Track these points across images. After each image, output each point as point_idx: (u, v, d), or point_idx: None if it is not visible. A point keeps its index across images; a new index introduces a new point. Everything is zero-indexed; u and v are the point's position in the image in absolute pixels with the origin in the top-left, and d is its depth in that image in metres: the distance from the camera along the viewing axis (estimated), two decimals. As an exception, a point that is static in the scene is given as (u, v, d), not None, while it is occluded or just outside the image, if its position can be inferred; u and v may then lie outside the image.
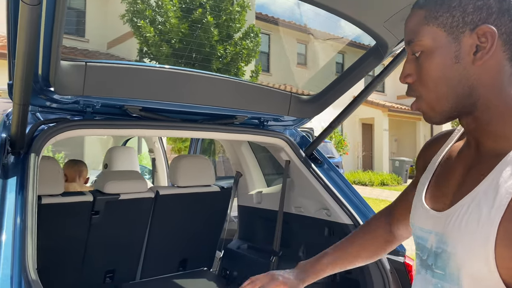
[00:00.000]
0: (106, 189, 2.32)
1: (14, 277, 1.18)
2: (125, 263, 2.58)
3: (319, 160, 2.31)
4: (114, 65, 1.60)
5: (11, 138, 1.43)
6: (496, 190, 0.70)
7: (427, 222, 0.84)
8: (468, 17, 0.73)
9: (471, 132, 0.81)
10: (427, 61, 0.77)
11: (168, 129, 1.88)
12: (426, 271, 0.83)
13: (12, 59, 1.33)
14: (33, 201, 1.34)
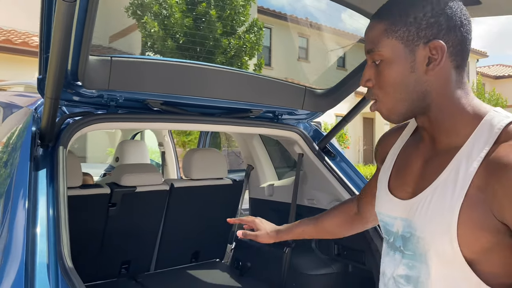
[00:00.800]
0: (122, 182, 2.36)
1: (51, 265, 1.22)
2: (140, 255, 2.63)
3: (332, 153, 2.35)
4: (137, 59, 1.64)
5: (41, 131, 1.46)
6: (455, 181, 0.81)
7: (393, 209, 0.95)
8: (422, 32, 0.83)
9: (426, 129, 0.91)
10: (386, 70, 0.87)
11: (187, 122, 1.92)
12: (394, 253, 0.94)
13: (44, 54, 1.36)
14: (64, 192, 1.39)
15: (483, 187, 0.77)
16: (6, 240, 1.27)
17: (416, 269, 0.88)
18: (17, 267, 1.20)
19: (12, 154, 1.50)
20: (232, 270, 2.79)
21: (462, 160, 0.82)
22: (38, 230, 1.27)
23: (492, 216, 0.77)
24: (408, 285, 0.90)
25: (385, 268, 0.98)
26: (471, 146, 0.82)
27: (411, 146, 1.00)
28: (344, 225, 1.32)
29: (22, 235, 1.25)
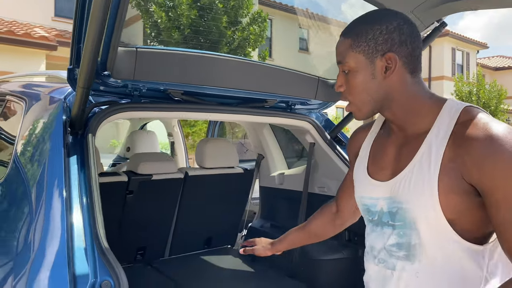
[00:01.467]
0: (139, 170, 2.43)
1: (88, 247, 1.29)
2: (155, 241, 2.70)
3: (343, 142, 2.41)
4: (161, 50, 1.70)
5: (72, 119, 1.52)
6: (429, 157, 0.98)
7: (375, 190, 1.11)
8: (379, 47, 1.02)
9: (393, 122, 1.09)
10: (352, 78, 1.05)
11: (206, 112, 1.98)
12: (382, 228, 1.09)
13: (76, 45, 1.42)
14: (96, 177, 1.45)
15: (454, 158, 0.95)
16: (43, 224, 1.34)
17: (407, 236, 1.03)
18: (57, 249, 1.27)
19: (41, 141, 1.56)
20: (243, 256, 2.86)
21: (432, 140, 1.00)
22: (74, 214, 1.34)
23: (463, 180, 0.94)
24: (400, 251, 1.05)
25: (374, 243, 1.12)
26: (437, 128, 1.00)
27: (382, 138, 1.18)
28: (327, 225, 1.45)
29: (60, 219, 1.31)
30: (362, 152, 1.23)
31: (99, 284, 1.22)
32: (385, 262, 1.08)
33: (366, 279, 1.18)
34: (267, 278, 2.49)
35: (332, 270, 2.44)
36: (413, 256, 1.02)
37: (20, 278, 1.30)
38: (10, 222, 1.49)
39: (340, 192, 1.41)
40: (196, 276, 2.48)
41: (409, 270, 1.03)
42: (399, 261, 1.05)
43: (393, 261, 1.06)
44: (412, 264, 1.03)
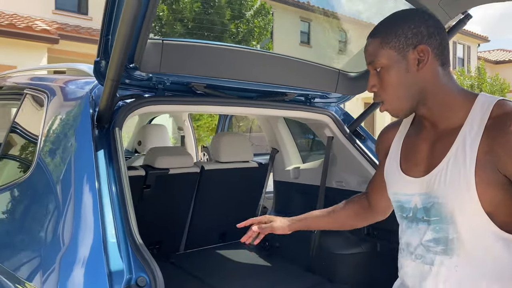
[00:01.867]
0: (157, 164, 2.41)
1: (121, 242, 1.27)
2: (171, 235, 2.69)
3: (363, 136, 2.39)
4: (187, 43, 1.67)
5: (99, 113, 1.50)
6: (464, 152, 0.99)
7: (410, 187, 1.11)
8: (409, 40, 1.04)
9: (427, 118, 1.10)
10: (386, 75, 1.06)
11: (228, 105, 1.96)
12: (417, 224, 1.09)
13: (104, 37, 1.39)
14: (126, 171, 1.43)
15: (489, 151, 0.97)
16: (73, 219, 1.32)
17: (443, 230, 1.04)
18: (91, 245, 1.26)
19: (67, 136, 1.53)
20: (260, 250, 2.86)
21: (466, 134, 1.01)
22: (105, 209, 1.32)
23: (498, 172, 0.96)
24: (438, 246, 1.05)
25: (410, 239, 1.12)
26: (470, 122, 1.02)
27: (413, 135, 1.18)
28: (356, 217, 1.43)
29: (92, 215, 1.29)
30: (392, 149, 1.23)
31: (135, 281, 1.20)
32: (423, 258, 1.09)
33: (402, 275, 1.18)
34: (285, 272, 2.48)
35: (351, 264, 2.43)
36: (451, 250, 1.03)
37: (50, 272, 1.28)
38: (37, 219, 1.47)
39: (371, 190, 1.41)
40: (215, 271, 2.47)
41: (447, 264, 1.04)
42: (437, 256, 1.06)
43: (431, 256, 1.07)
44: (451, 258, 1.03)
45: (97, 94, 1.60)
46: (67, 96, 1.69)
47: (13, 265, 1.42)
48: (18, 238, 1.49)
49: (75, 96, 1.65)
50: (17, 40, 9.39)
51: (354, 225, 1.49)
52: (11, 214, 1.60)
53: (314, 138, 3.92)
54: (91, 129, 1.45)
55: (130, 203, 1.36)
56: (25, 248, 1.44)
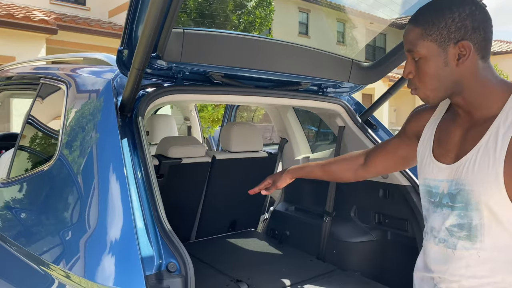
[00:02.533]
0: (170, 154, 2.42)
1: (149, 228, 1.29)
2: (183, 224, 2.71)
3: (375, 125, 2.42)
4: (207, 32, 1.68)
5: (122, 102, 1.51)
6: (496, 142, 1.00)
7: (440, 173, 1.13)
8: (451, 35, 1.03)
9: (461, 107, 1.11)
10: (424, 65, 1.07)
11: (244, 95, 1.97)
12: (442, 209, 1.12)
13: (129, 26, 1.40)
14: (151, 159, 1.45)
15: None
16: (100, 205, 1.34)
17: (468, 217, 1.06)
18: (121, 230, 1.27)
19: (92, 125, 1.54)
20: (269, 239, 2.89)
21: (499, 125, 1.02)
22: (133, 196, 1.33)
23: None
24: (461, 231, 1.07)
25: (434, 223, 1.15)
26: (505, 114, 1.02)
27: (447, 121, 1.19)
28: (348, 172, 1.52)
29: (121, 201, 1.31)
30: (426, 133, 1.25)
31: (165, 266, 1.22)
32: (446, 242, 1.11)
33: (425, 258, 1.20)
34: (296, 260, 2.51)
35: (362, 252, 2.47)
36: (475, 236, 1.05)
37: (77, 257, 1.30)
38: (64, 206, 1.48)
39: (376, 152, 1.46)
40: (226, 258, 2.49)
41: (470, 250, 1.06)
42: (460, 240, 1.08)
43: (453, 240, 1.09)
44: (474, 244, 1.06)
45: (119, 83, 1.61)
46: (88, 86, 1.70)
47: (39, 250, 1.44)
48: (46, 224, 1.50)
49: (96, 85, 1.66)
50: (15, 30, 9.30)
51: (345, 179, 1.57)
52: (37, 202, 1.61)
53: (318, 129, 3.94)
54: (116, 118, 1.46)
55: (157, 189, 1.38)
56: (52, 233, 1.46)
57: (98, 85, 1.64)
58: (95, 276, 1.22)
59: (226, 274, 2.27)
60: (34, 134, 1.93)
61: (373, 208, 2.45)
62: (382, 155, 1.44)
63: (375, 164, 1.45)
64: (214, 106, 7.55)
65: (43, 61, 2.69)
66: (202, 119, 7.23)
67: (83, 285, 1.24)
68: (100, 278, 1.20)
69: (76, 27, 10.67)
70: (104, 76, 1.66)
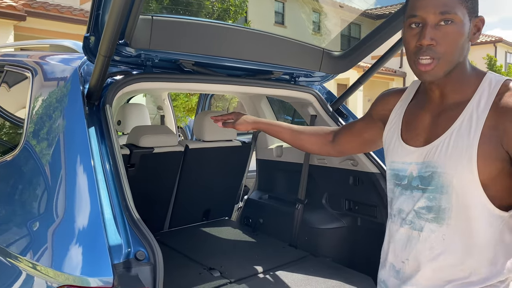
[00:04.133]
0: (141, 143, 2.39)
1: (117, 218, 1.28)
2: (156, 214, 2.70)
3: (345, 114, 2.45)
4: (176, 19, 1.66)
5: (89, 90, 1.48)
6: (469, 125, 1.02)
7: (408, 156, 1.14)
8: (476, 7, 1.07)
9: (442, 89, 1.11)
10: (455, 30, 1.03)
11: (215, 83, 1.96)
12: (412, 191, 1.13)
13: (95, 11, 1.37)
14: (119, 149, 1.43)
15: (495, 126, 1.00)
16: (67, 195, 1.32)
17: (437, 199, 1.07)
18: (88, 219, 1.26)
19: (58, 113, 1.51)
20: (243, 227, 2.91)
21: (473, 109, 1.04)
22: (100, 185, 1.32)
23: (501, 147, 0.99)
24: (429, 213, 1.09)
25: (402, 206, 1.16)
26: (478, 98, 1.05)
27: (415, 106, 1.20)
28: (315, 145, 1.54)
29: (88, 190, 1.30)
30: (393, 117, 1.26)
31: (134, 254, 1.22)
32: (413, 224, 1.12)
33: (389, 240, 1.21)
34: (269, 247, 2.54)
35: (333, 238, 2.52)
36: (442, 219, 1.07)
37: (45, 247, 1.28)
38: (29, 196, 1.46)
39: (342, 131, 1.49)
40: (200, 247, 2.50)
41: (436, 232, 1.08)
42: (427, 223, 1.09)
43: (421, 222, 1.10)
44: (440, 226, 1.07)
45: (86, 71, 1.58)
46: (54, 73, 1.66)
47: (6, 241, 1.41)
48: (11, 215, 1.47)
49: (62, 73, 1.62)
50: (-19, 16, 8.94)
51: (311, 150, 1.58)
52: (1, 192, 1.57)
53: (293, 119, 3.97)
54: (82, 106, 1.44)
55: (125, 178, 1.37)
56: (18, 224, 1.43)
57: (65, 73, 1.60)
58: (62, 266, 1.21)
59: (199, 262, 2.28)
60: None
61: (343, 195, 2.50)
62: (348, 135, 1.47)
63: (341, 143, 1.48)
64: (187, 95, 7.48)
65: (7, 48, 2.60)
66: (176, 108, 7.16)
67: (50, 275, 1.23)
68: (67, 268, 1.19)
69: (46, 13, 10.32)
70: (71, 64, 1.63)
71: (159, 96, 3.83)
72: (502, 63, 24.09)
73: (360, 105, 19.22)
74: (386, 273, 1.21)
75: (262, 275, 2.17)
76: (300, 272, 2.21)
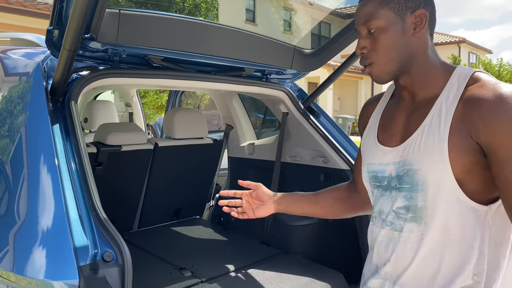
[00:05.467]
0: (108, 141, 2.33)
1: (84, 218, 1.24)
2: (124, 214, 2.64)
3: (316, 112, 2.46)
4: (144, 13, 1.61)
5: (53, 85, 1.42)
6: (439, 119, 1.02)
7: (385, 157, 1.14)
8: (408, 3, 1.05)
9: (408, 87, 1.12)
10: (382, 36, 1.06)
11: (185, 79, 1.93)
12: (390, 192, 1.12)
13: (58, 4, 1.32)
14: (84, 146, 1.38)
15: (463, 118, 1.00)
16: (30, 195, 1.26)
17: (413, 198, 1.07)
18: (52, 220, 1.21)
19: (20, 110, 1.45)
20: (214, 226, 2.88)
21: (442, 103, 1.04)
22: (65, 184, 1.27)
23: (471, 139, 0.99)
24: (408, 213, 1.08)
25: (382, 207, 1.15)
26: (447, 92, 1.05)
27: (392, 107, 1.21)
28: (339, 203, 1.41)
29: (52, 190, 1.24)
30: (371, 122, 1.27)
31: (101, 256, 1.18)
32: (393, 225, 1.12)
33: (372, 243, 1.20)
34: (240, 246, 2.53)
35: (303, 235, 2.53)
36: (420, 218, 1.06)
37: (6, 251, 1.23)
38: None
39: (356, 173, 1.38)
40: (171, 247, 2.46)
41: (415, 232, 1.07)
42: (406, 223, 1.09)
43: (400, 223, 1.10)
44: (419, 225, 1.06)
45: (49, 66, 1.52)
46: (16, 68, 1.59)
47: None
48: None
49: (24, 68, 1.55)
50: None
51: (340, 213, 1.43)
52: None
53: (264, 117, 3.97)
54: (46, 102, 1.38)
55: (92, 177, 1.32)
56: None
57: (27, 67, 1.53)
58: (24, 269, 1.15)
59: (169, 262, 2.23)
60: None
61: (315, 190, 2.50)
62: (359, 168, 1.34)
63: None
64: (157, 92, 7.36)
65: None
66: (145, 105, 7.04)
67: (12, 279, 1.17)
68: (30, 272, 1.14)
69: (7, 7, 9.90)
70: (33, 58, 1.55)
71: (127, 93, 3.75)
72: (466, 62, 24.99)
73: (330, 103, 19.48)
74: (371, 274, 1.20)
75: (234, 274, 2.15)
76: (272, 270, 2.21)
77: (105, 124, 2.44)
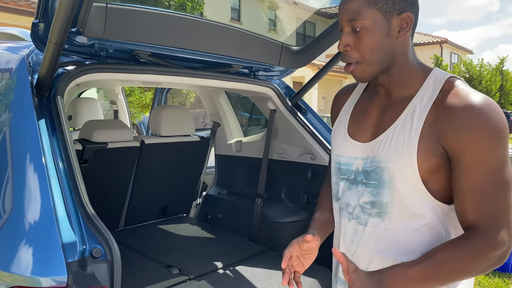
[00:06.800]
0: (94, 138, 2.30)
1: (71, 214, 1.22)
2: (110, 212, 2.61)
3: (303, 109, 2.47)
4: (132, 8, 1.60)
5: (39, 80, 1.40)
6: (412, 121, 1.04)
7: (354, 151, 1.15)
8: (396, 5, 1.04)
9: (385, 85, 1.13)
10: (367, 36, 1.04)
11: (172, 75, 1.91)
12: (357, 186, 1.14)
13: (45, -4, 1.29)
14: (72, 142, 1.36)
15: (434, 123, 1.01)
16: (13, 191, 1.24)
17: (379, 195, 1.09)
18: (39, 216, 1.19)
19: (4, 105, 1.41)
20: (202, 223, 2.87)
21: (416, 105, 1.06)
22: (52, 181, 1.25)
23: (439, 144, 1.01)
24: (373, 208, 1.10)
25: (349, 200, 1.16)
26: (422, 94, 1.06)
27: (365, 100, 1.21)
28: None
29: (39, 186, 1.22)
30: (343, 112, 1.26)
31: (89, 252, 1.16)
32: (358, 218, 1.14)
33: (339, 234, 1.21)
34: (228, 243, 2.52)
35: (292, 231, 2.53)
36: (384, 213, 1.08)
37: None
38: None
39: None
40: (157, 245, 2.44)
41: (379, 227, 1.10)
42: (371, 217, 1.11)
43: (365, 217, 1.12)
44: (383, 221, 1.09)
45: (34, 60, 1.49)
46: (0, 63, 1.55)
47: None
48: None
49: (8, 62, 1.52)
50: None
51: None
52: None
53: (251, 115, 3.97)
54: (31, 97, 1.35)
55: (79, 173, 1.30)
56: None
57: (11, 62, 1.50)
58: (10, 266, 1.12)
59: (156, 260, 2.22)
60: None
61: (302, 189, 2.52)
62: None
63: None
64: (142, 91, 7.29)
65: None
66: (130, 104, 6.97)
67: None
68: (16, 268, 1.12)
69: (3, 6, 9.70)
70: (18, 52, 1.52)
71: (112, 90, 3.70)
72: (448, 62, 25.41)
73: (315, 102, 19.57)
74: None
75: (222, 271, 2.15)
76: (260, 267, 2.21)
77: (90, 121, 2.41)
